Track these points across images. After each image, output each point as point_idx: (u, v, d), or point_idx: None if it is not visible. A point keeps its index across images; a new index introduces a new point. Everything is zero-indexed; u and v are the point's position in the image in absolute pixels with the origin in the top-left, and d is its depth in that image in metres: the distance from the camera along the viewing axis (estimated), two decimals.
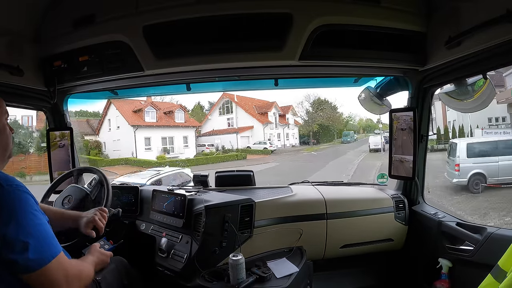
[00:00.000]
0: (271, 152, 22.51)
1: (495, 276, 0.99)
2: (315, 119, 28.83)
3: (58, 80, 1.66)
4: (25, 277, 0.81)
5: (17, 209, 0.81)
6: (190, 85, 1.99)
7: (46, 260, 0.83)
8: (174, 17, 1.40)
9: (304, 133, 29.45)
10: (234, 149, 22.79)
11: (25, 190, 0.86)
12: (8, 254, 0.78)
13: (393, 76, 1.88)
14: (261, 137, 24.47)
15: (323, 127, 30.08)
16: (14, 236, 0.79)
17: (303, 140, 29.58)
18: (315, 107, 29.14)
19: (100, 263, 1.19)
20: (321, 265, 1.91)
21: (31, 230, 0.82)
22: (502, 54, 1.19)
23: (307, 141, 29.13)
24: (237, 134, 23.66)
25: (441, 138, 15.76)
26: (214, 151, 22.02)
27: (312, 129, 28.64)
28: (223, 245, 1.56)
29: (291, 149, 26.01)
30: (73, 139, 1.99)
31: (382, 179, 2.19)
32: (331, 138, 31.94)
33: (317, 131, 29.59)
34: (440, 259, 1.63)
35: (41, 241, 0.83)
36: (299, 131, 29.47)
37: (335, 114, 31.09)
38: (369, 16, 1.41)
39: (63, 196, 1.56)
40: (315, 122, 28.89)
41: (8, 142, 0.97)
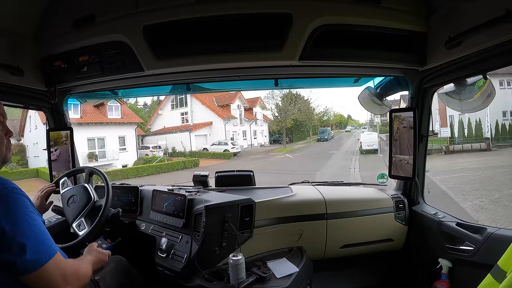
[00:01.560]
0: (233, 156, 18.14)
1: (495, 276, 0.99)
2: (287, 114, 24.67)
3: (58, 80, 1.66)
4: (23, 278, 0.82)
5: (14, 211, 0.82)
6: (190, 85, 1.99)
7: (43, 261, 0.83)
8: (174, 17, 1.40)
9: (275, 130, 25.89)
10: (187, 151, 18.72)
11: (20, 193, 0.86)
12: (5, 255, 0.79)
13: (393, 76, 1.88)
14: (222, 136, 20.09)
15: (297, 123, 26.58)
16: (11, 237, 0.79)
17: (274, 138, 26.24)
18: (286, 102, 24.80)
19: (99, 262, 1.19)
20: (321, 265, 1.91)
21: (28, 231, 0.83)
22: (502, 54, 1.19)
23: (278, 140, 25.53)
24: (189, 133, 18.96)
25: (454, 136, 14.11)
26: (161, 155, 17.52)
27: (285, 125, 24.59)
28: (223, 245, 1.56)
29: (259, 150, 22.12)
30: (73, 139, 2.00)
31: (382, 179, 2.19)
32: (305, 135, 28.73)
33: (290, 127, 25.95)
34: (440, 259, 1.63)
35: (38, 242, 0.84)
36: (269, 127, 25.94)
37: (309, 109, 27.61)
38: (369, 16, 1.41)
39: (69, 195, 1.58)
40: (289, 117, 24.85)
41: (1, 147, 0.95)
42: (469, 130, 14.09)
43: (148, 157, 16.53)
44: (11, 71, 1.43)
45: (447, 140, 13.81)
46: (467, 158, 11.94)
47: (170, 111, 21.77)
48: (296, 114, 25.40)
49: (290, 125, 25.44)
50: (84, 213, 1.50)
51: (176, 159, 16.70)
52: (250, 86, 2.17)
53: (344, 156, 16.87)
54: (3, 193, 0.82)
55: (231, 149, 18.78)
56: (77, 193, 1.57)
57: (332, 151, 19.45)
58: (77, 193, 1.57)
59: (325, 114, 36.48)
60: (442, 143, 13.52)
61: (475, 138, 13.92)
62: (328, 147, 21.73)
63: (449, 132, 13.72)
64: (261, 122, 24.75)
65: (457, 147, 13.52)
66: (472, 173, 9.27)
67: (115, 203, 1.81)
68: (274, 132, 26.30)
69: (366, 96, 2.02)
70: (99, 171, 1.67)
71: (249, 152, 20.61)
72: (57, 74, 1.63)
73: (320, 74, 1.87)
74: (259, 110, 24.56)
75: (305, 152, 19.71)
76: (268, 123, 25.38)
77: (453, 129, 14.34)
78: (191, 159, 16.26)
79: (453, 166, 10.68)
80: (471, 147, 13.30)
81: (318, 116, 31.63)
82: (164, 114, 21.85)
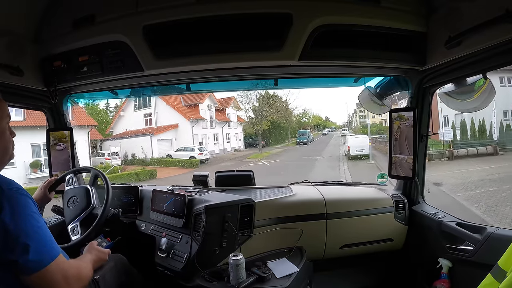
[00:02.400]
0: (200, 163, 15.41)
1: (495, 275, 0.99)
2: (263, 115, 21.78)
3: (58, 80, 1.66)
4: (26, 279, 0.82)
5: (18, 211, 0.83)
6: (190, 85, 1.99)
7: (46, 262, 0.84)
8: (174, 17, 1.40)
9: (251, 132, 23.00)
10: (148, 158, 16.21)
11: (25, 193, 0.87)
12: (9, 255, 0.79)
13: (393, 76, 1.87)
14: (190, 140, 17.58)
15: (274, 125, 24.00)
16: (15, 238, 0.80)
17: (250, 142, 23.25)
18: (263, 102, 21.88)
19: (99, 261, 1.19)
20: (321, 265, 1.91)
21: (31, 232, 0.83)
22: (502, 54, 1.19)
23: (254, 143, 22.42)
24: (150, 137, 16.21)
25: (455, 139, 12.33)
26: (118, 163, 15.01)
27: (261, 127, 21.42)
28: (223, 245, 1.56)
29: (233, 155, 19.54)
30: (73, 139, 1.99)
31: (382, 179, 2.19)
32: (284, 138, 26.42)
33: (267, 130, 23.12)
34: (440, 259, 1.63)
35: (41, 243, 0.84)
36: (244, 130, 22.98)
37: (287, 110, 24.74)
38: (369, 16, 1.41)
39: (71, 194, 1.58)
40: (265, 118, 21.90)
41: (8, 146, 0.98)
42: (472, 131, 12.57)
43: (102, 166, 13.83)
44: (11, 71, 1.42)
45: (449, 144, 12.04)
46: (477, 164, 10.15)
47: (133, 113, 18.57)
48: (273, 115, 22.83)
49: (267, 127, 22.46)
50: (80, 218, 1.50)
51: (133, 168, 14.17)
52: (250, 86, 2.17)
53: (330, 163, 14.47)
54: (8, 194, 0.83)
55: (198, 156, 16.03)
56: (79, 195, 1.57)
57: (314, 156, 16.97)
58: (79, 194, 1.57)
59: (304, 116, 33.77)
60: (444, 147, 11.97)
61: (479, 140, 12.32)
62: (309, 152, 19.36)
63: (451, 134, 12.21)
64: (235, 124, 22.12)
65: (461, 152, 11.74)
66: (498, 186, 7.58)
67: (115, 203, 1.81)
68: (249, 135, 23.55)
69: (366, 96, 2.01)
70: (101, 172, 1.67)
71: (220, 159, 17.82)
72: (57, 74, 1.63)
73: (320, 74, 1.87)
74: (233, 111, 21.79)
75: (284, 158, 17.19)
76: (243, 125, 22.68)
77: (455, 130, 12.86)
78: (147, 169, 13.50)
79: (468, 177, 8.84)
80: (477, 151, 11.60)
81: (297, 117, 29.42)
82: (127, 115, 18.44)
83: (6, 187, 0.83)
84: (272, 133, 24.59)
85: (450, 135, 12.15)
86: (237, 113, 22.44)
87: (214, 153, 19.10)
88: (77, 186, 1.64)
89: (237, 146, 22.54)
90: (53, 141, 1.95)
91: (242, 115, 22.99)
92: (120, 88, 2.00)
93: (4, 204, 0.81)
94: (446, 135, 11.76)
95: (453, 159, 11.35)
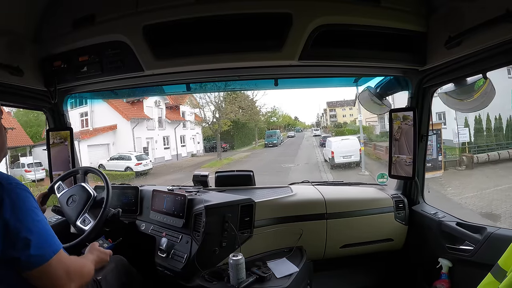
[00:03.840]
0: (136, 177, 12.36)
1: (495, 275, 0.99)
2: (225, 112, 18.23)
3: (58, 80, 1.66)
4: (27, 274, 0.82)
5: (18, 206, 0.82)
6: (190, 85, 1.99)
7: (47, 257, 0.83)
8: (174, 17, 1.40)
9: (213, 134, 19.15)
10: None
11: (25, 189, 0.87)
12: (10, 251, 0.79)
13: (393, 76, 1.87)
14: (130, 145, 14.04)
15: (238, 124, 20.76)
16: (16, 233, 0.80)
17: (212, 145, 19.61)
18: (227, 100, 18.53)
19: (100, 261, 1.19)
20: (321, 265, 1.91)
21: (32, 227, 0.83)
22: (502, 54, 1.19)
23: (216, 146, 18.70)
24: (78, 142, 11.96)
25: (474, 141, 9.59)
26: (43, 176, 11.09)
27: (219, 128, 17.69)
28: (223, 245, 1.56)
29: (188, 162, 16.17)
30: (73, 139, 2.00)
31: (382, 179, 2.19)
32: (250, 139, 23.14)
33: (228, 131, 19.64)
34: (440, 259, 1.63)
35: (42, 237, 0.84)
36: (203, 131, 19.25)
37: (253, 108, 21.15)
38: (369, 16, 1.41)
39: (67, 196, 1.59)
40: (225, 117, 18.40)
41: (5, 142, 0.98)
42: (487, 130, 9.72)
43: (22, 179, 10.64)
44: (11, 71, 1.42)
45: (465, 147, 9.45)
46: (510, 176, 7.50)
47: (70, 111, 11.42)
48: (237, 113, 19.50)
49: (227, 127, 18.91)
50: (87, 208, 1.53)
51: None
52: (250, 86, 2.17)
53: (310, 176, 10.76)
54: (8, 189, 0.83)
55: (135, 167, 12.79)
56: (76, 193, 1.58)
57: (287, 163, 13.55)
58: (76, 192, 1.58)
59: (273, 115, 30.17)
60: (458, 152, 9.35)
61: (497, 142, 9.60)
62: (280, 157, 16.43)
63: (467, 134, 9.49)
64: (192, 125, 18.60)
65: (481, 157, 8.94)
66: None
67: (115, 203, 1.81)
68: (211, 137, 19.96)
69: (366, 96, 2.02)
70: (97, 170, 1.68)
71: (170, 167, 14.27)
72: (57, 74, 1.63)
73: (320, 74, 1.87)
74: (189, 109, 17.91)
75: (249, 166, 12.93)
76: (203, 125, 19.01)
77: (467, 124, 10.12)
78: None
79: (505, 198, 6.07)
80: (499, 156, 8.85)
81: (265, 116, 25.96)
82: None
83: (5, 182, 0.83)
84: (236, 134, 21.35)
85: (465, 135, 9.53)
86: (194, 111, 18.49)
87: (164, 160, 15.70)
88: (71, 187, 1.64)
89: (195, 150, 18.94)
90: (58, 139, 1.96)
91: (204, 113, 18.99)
92: (120, 88, 2.00)
93: (4, 198, 0.81)
94: (461, 136, 9.41)
95: (472, 167, 8.64)
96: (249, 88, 2.22)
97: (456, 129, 9.47)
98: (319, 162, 13.62)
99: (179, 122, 17.74)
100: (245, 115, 20.35)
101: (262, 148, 21.92)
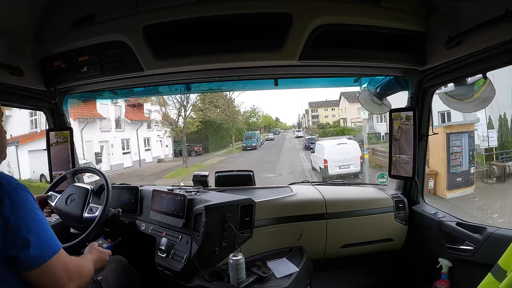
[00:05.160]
0: None
1: (495, 275, 0.99)
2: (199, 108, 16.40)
3: (58, 80, 1.66)
4: (27, 275, 0.82)
5: (18, 207, 0.82)
6: (190, 85, 1.99)
7: (47, 257, 0.83)
8: (174, 17, 1.40)
9: (177, 136, 16.56)
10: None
11: (24, 189, 0.87)
12: (10, 251, 0.79)
13: (393, 76, 1.88)
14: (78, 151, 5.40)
15: (213, 125, 18.65)
16: (16, 233, 0.80)
17: (182, 149, 16.81)
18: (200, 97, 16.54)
19: (100, 261, 1.19)
20: (321, 265, 1.91)
21: (32, 227, 0.83)
22: (502, 54, 1.19)
23: (189, 150, 16.77)
24: (16, 147, 10.55)
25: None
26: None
27: (185, 129, 15.31)
28: (223, 245, 1.56)
29: (151, 170, 13.88)
30: (73, 139, 2.00)
31: (382, 179, 2.20)
32: (227, 141, 21.20)
33: (198, 132, 17.40)
34: (440, 259, 1.63)
35: (42, 237, 0.84)
36: (173, 132, 15.97)
37: (230, 106, 19.23)
38: (369, 16, 1.41)
39: (65, 196, 1.60)
40: (199, 116, 16.55)
41: (4, 143, 0.98)
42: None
43: None
44: (11, 71, 1.43)
45: (491, 154, 7.60)
46: None
47: (19, 111, 11.27)
48: (210, 111, 17.61)
49: (195, 128, 16.33)
50: (89, 200, 1.57)
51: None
52: (250, 86, 2.17)
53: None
54: (8, 189, 0.83)
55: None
56: (72, 192, 1.61)
57: (268, 173, 11.25)
58: (72, 192, 1.62)
59: (253, 115, 27.70)
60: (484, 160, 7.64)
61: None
62: (260, 163, 13.94)
63: (495, 138, 7.74)
64: (160, 125, 15.97)
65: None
66: None
67: (115, 203, 1.81)
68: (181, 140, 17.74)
69: (366, 96, 2.02)
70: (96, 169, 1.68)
71: (129, 175, 12.23)
72: (57, 74, 1.63)
73: (320, 74, 1.87)
74: (154, 107, 15.37)
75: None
76: (172, 125, 16.00)
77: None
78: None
79: None
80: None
81: (243, 117, 23.92)
82: (14, 115, 11.33)
83: (5, 183, 0.83)
84: (212, 135, 19.24)
85: (494, 139, 7.73)
86: (162, 109, 15.82)
87: (123, 167, 13.49)
88: (64, 191, 1.65)
89: (162, 154, 16.51)
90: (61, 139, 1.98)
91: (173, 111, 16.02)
92: (120, 88, 2.01)
93: (4, 199, 0.81)
94: (491, 140, 7.64)
95: (504, 179, 6.80)
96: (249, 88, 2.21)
97: (484, 132, 7.52)
98: (305, 170, 11.36)
99: (142, 122, 15.25)
100: (221, 114, 18.49)
101: (240, 151, 19.62)
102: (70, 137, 1.98)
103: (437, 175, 6.76)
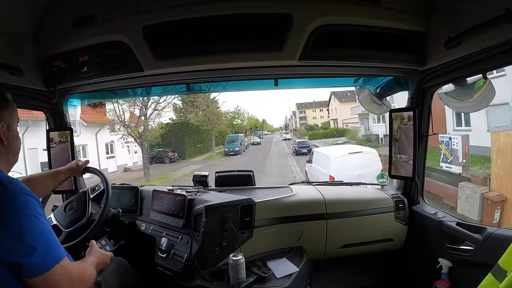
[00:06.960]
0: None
1: (496, 275, 0.99)
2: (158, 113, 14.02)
3: (58, 80, 1.65)
4: (29, 282, 0.81)
5: (22, 212, 0.82)
6: (190, 85, 1.99)
7: (50, 265, 0.82)
8: (174, 17, 1.40)
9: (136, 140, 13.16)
10: None
11: (29, 193, 0.86)
12: (12, 257, 0.78)
13: (393, 76, 1.88)
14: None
15: (191, 127, 16.84)
16: (19, 239, 0.79)
17: (157, 155, 15.82)
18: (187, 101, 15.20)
19: (101, 264, 1.19)
20: (321, 265, 1.91)
21: (36, 234, 0.82)
22: (502, 54, 1.19)
23: (161, 156, 15.67)
24: None
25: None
26: None
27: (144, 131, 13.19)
28: (223, 245, 1.56)
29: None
30: (73, 139, 1.99)
31: (382, 179, 2.19)
32: (208, 145, 19.17)
33: (175, 134, 15.72)
34: (440, 259, 1.63)
35: (46, 245, 0.83)
36: (148, 135, 13.72)
37: (210, 106, 17.75)
38: (369, 16, 1.41)
39: (65, 203, 1.63)
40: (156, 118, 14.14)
41: (19, 147, 0.99)
42: None
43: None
44: (11, 71, 1.42)
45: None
46: None
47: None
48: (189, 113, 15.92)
49: (159, 133, 14.55)
50: (90, 200, 1.60)
51: None
52: (250, 86, 2.17)
53: None
54: (12, 193, 0.82)
55: None
56: (72, 200, 1.65)
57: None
58: (72, 199, 1.65)
59: (237, 116, 25.93)
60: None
61: None
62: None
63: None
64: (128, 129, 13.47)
65: None
66: None
67: (115, 203, 1.81)
68: (157, 144, 15.46)
69: (366, 96, 2.02)
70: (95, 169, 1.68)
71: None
72: (57, 74, 1.63)
73: (320, 74, 1.87)
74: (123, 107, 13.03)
75: None
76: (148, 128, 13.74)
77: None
78: None
79: None
80: None
81: (226, 117, 22.12)
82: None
83: (10, 187, 0.83)
84: (189, 139, 17.14)
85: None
86: (131, 110, 13.41)
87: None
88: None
89: (130, 162, 14.31)
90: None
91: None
92: (120, 88, 2.00)
93: (8, 204, 0.80)
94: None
95: None
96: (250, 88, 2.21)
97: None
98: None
99: (103, 124, 12.89)
100: (200, 115, 16.56)
101: (221, 157, 17.46)
102: (70, 137, 1.98)
103: (505, 203, 4.79)
